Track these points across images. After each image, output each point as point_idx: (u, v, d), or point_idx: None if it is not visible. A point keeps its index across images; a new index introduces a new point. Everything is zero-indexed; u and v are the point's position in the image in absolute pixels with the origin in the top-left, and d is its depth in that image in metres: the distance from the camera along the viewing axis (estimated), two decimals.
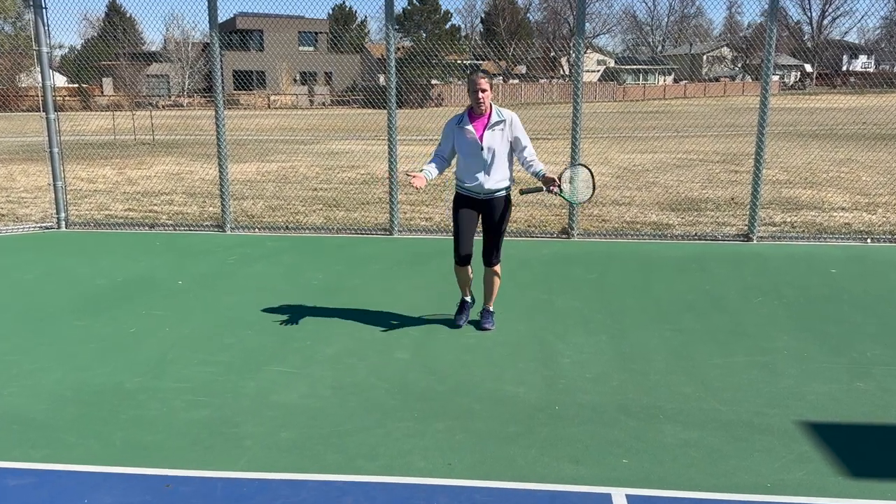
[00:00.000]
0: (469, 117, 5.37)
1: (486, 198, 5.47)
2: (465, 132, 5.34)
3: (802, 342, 5.41)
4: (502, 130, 5.36)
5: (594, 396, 4.53)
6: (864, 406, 4.38)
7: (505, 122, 5.34)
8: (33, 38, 9.19)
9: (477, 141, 5.31)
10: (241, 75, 39.99)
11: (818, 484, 3.57)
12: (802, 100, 31.90)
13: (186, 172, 15.66)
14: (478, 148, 5.32)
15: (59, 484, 3.61)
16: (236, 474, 3.67)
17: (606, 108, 34.24)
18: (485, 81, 5.22)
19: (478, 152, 5.33)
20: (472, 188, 5.44)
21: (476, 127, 5.33)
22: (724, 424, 4.15)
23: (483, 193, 5.44)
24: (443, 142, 5.50)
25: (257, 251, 8.47)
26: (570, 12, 55.78)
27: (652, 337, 5.55)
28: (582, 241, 8.87)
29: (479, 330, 5.66)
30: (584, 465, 3.74)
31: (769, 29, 8.23)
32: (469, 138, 5.33)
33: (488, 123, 5.32)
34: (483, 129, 5.31)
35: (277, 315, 6.12)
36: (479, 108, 5.29)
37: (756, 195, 8.63)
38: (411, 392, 4.60)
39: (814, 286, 6.83)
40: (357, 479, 3.63)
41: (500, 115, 5.34)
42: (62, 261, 8.08)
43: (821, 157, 16.15)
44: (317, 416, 4.29)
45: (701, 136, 21.18)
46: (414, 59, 24.57)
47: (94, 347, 5.42)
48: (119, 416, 4.29)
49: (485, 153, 5.33)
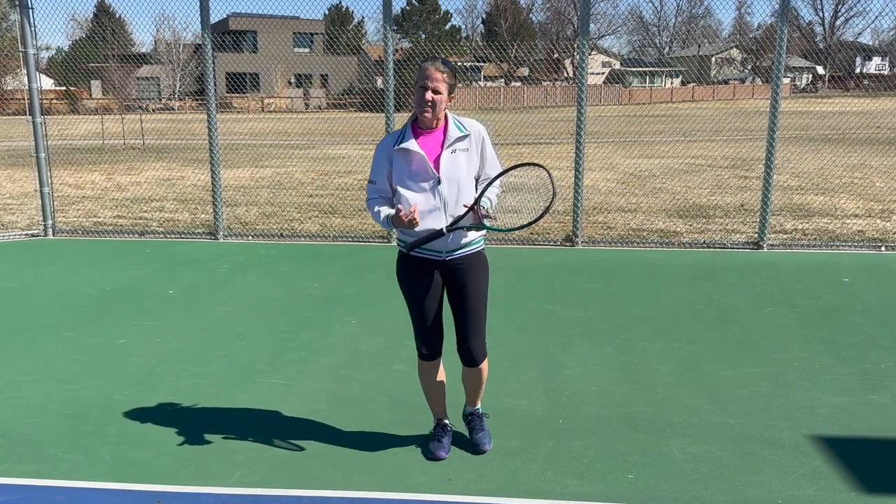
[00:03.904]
0: (413, 132, 3.62)
1: (451, 258, 3.69)
2: (409, 155, 3.57)
3: (814, 353, 5.32)
4: (466, 151, 3.61)
5: (599, 409, 4.45)
6: (878, 419, 4.29)
7: (470, 136, 3.63)
8: (19, 40, 9.16)
9: (429, 168, 3.56)
10: (234, 78, 39.98)
11: (831, 500, 3.49)
12: (814, 103, 31.76)
13: (178, 178, 15.63)
14: (431, 178, 3.56)
15: (46, 500, 3.55)
16: (229, 490, 3.61)
17: (612, 111, 34.29)
18: (441, 75, 3.50)
19: (432, 185, 3.57)
20: (425, 244, 3.61)
21: (426, 147, 3.58)
22: (734, 438, 4.07)
23: (445, 252, 3.66)
24: (375, 176, 3.66)
25: (251, 259, 8.39)
26: (574, 13, 55.71)
27: (659, 348, 5.46)
28: (586, 249, 8.78)
29: (476, 454, 3.96)
30: (588, 481, 3.67)
31: (780, 30, 8.14)
32: (416, 166, 3.57)
33: (445, 141, 3.59)
34: (439, 150, 3.58)
35: (271, 326, 6.04)
36: (426, 116, 3.55)
37: (766, 201, 8.53)
38: (410, 405, 4.51)
39: (826, 295, 6.73)
40: (353, 495, 3.57)
41: (461, 128, 3.62)
42: (49, 269, 8.02)
43: (833, 163, 16.05)
44: (311, 430, 4.22)
45: (709, 141, 21.13)
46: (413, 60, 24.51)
47: (81, 359, 5.35)
48: (107, 431, 4.23)
49: (443, 188, 3.56)
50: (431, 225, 3.54)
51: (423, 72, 3.50)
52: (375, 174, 3.66)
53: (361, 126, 24.44)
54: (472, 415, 4.09)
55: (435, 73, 3.48)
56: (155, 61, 44.31)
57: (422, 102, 3.52)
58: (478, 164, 3.65)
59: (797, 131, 21.89)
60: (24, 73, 9.31)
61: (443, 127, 3.62)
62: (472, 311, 3.77)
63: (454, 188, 3.57)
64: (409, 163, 3.57)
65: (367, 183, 3.73)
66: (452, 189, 3.57)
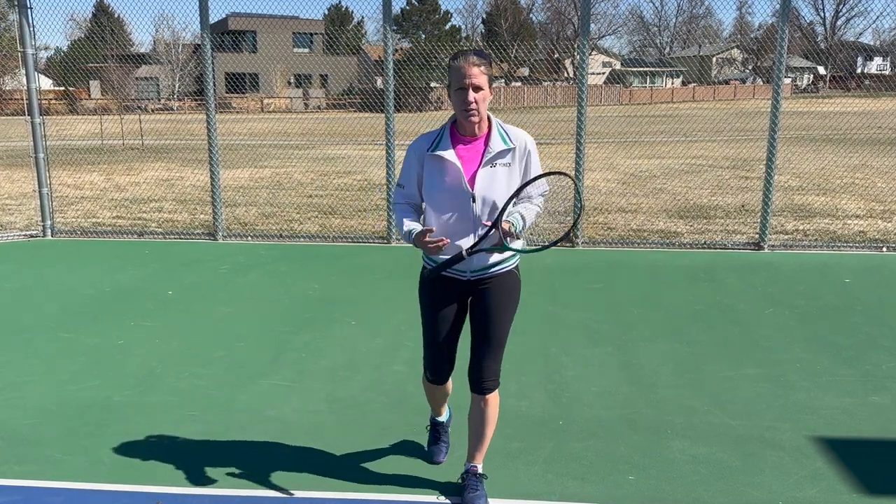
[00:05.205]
0: (451, 138, 3.23)
1: (478, 277, 3.34)
2: (444, 165, 3.20)
3: (815, 354, 5.29)
4: (508, 166, 3.21)
5: (600, 411, 4.43)
6: (880, 421, 4.27)
7: (514, 150, 3.21)
8: (18, 40, 9.13)
9: (463, 184, 3.18)
10: (233, 78, 39.96)
11: (832, 502, 3.48)
12: (815, 103, 31.71)
13: (177, 178, 15.60)
14: (464, 195, 3.19)
15: (45, 501, 3.53)
16: (228, 491, 3.60)
17: (612, 111, 34.25)
18: (478, 69, 3.07)
19: (464, 202, 3.20)
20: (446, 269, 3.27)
21: (464, 158, 3.20)
22: (735, 440, 4.05)
23: (470, 272, 3.32)
24: (404, 180, 3.32)
25: (250, 260, 8.36)
26: (575, 12, 55.71)
27: (659, 349, 5.44)
28: (587, 249, 8.75)
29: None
30: (589, 482, 3.66)
31: (781, 30, 8.12)
32: (449, 178, 3.19)
33: (486, 153, 3.20)
34: (477, 164, 3.19)
35: (270, 326, 6.02)
36: (471, 121, 3.16)
37: (767, 202, 8.51)
38: (409, 406, 4.49)
39: (827, 296, 6.71)
40: (353, 496, 3.55)
41: (506, 140, 3.21)
42: (48, 270, 8.00)
43: (834, 163, 16.02)
44: (311, 432, 4.19)
45: (710, 141, 21.10)
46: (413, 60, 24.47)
47: (80, 360, 5.32)
48: (107, 431, 4.20)
49: (476, 206, 3.20)
50: (463, 245, 3.20)
51: (458, 71, 3.06)
52: (404, 178, 3.31)
53: (361, 126, 24.45)
54: (468, 473, 3.50)
55: (471, 68, 3.05)
56: (154, 61, 44.28)
57: (464, 106, 3.09)
58: (519, 180, 3.22)
59: (798, 131, 21.87)
60: (23, 73, 9.28)
61: (485, 135, 3.22)
62: (494, 338, 3.36)
63: (489, 206, 3.19)
64: (443, 174, 3.19)
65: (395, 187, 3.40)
66: (486, 208, 3.19)
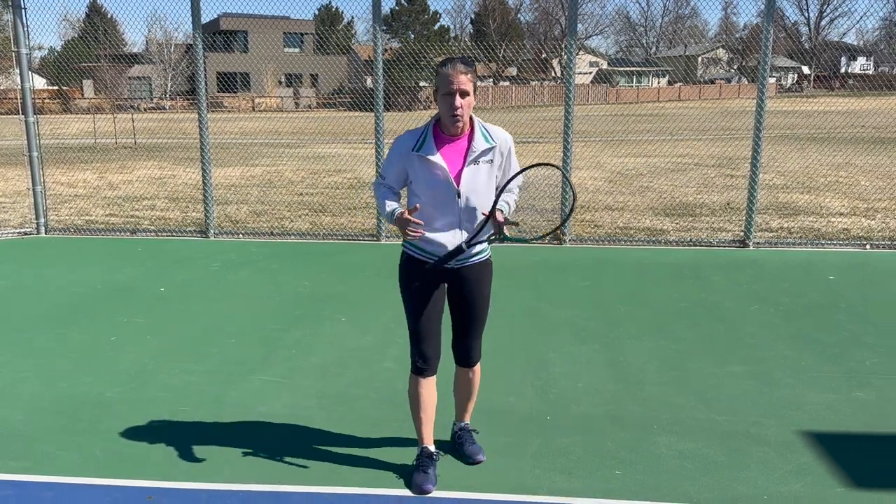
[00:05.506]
0: (435, 139, 3.40)
1: (460, 266, 3.57)
2: (430, 166, 3.37)
3: (799, 351, 5.34)
4: (490, 162, 3.44)
5: (586, 407, 4.46)
6: (864, 416, 4.32)
7: (496, 147, 3.44)
8: (12, 40, 9.11)
9: (449, 182, 3.38)
10: (224, 77, 39.93)
11: (817, 496, 3.51)
12: (800, 102, 31.94)
13: (169, 177, 15.58)
14: (450, 192, 3.39)
15: (38, 496, 3.54)
16: (219, 486, 3.61)
17: (599, 110, 34.28)
18: (465, 77, 3.27)
19: (450, 199, 3.40)
20: (434, 252, 3.49)
21: (448, 158, 3.38)
22: (720, 435, 4.09)
23: (456, 262, 3.55)
24: (386, 173, 3.52)
25: (241, 257, 8.37)
26: (562, 13, 55.71)
27: (645, 346, 5.48)
28: (574, 247, 8.79)
29: (469, 464, 3.87)
30: (576, 478, 3.68)
31: (766, 30, 8.17)
32: (436, 177, 3.38)
33: (469, 152, 3.39)
34: (462, 163, 3.39)
35: (261, 323, 6.03)
36: (457, 126, 3.35)
37: (752, 200, 8.57)
38: (399, 403, 4.48)
39: (811, 293, 6.76)
40: (343, 490, 3.57)
41: (488, 139, 3.42)
42: (41, 267, 7.98)
43: (818, 161, 16.13)
44: (301, 427, 4.21)
45: (696, 140, 21.19)
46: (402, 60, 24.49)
47: (73, 356, 5.32)
48: (99, 427, 4.21)
49: (461, 201, 3.42)
50: (446, 238, 3.44)
51: (446, 77, 3.26)
52: (386, 170, 3.51)
53: (351, 125, 24.43)
54: (463, 430, 3.97)
55: (458, 75, 3.25)
56: (146, 61, 44.06)
57: (451, 111, 3.28)
58: (499, 175, 3.49)
59: (783, 130, 22.02)
60: (17, 72, 9.25)
61: (468, 135, 3.41)
62: (477, 317, 3.71)
63: (472, 201, 3.42)
64: (429, 174, 3.38)
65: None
66: (471, 202, 3.42)
